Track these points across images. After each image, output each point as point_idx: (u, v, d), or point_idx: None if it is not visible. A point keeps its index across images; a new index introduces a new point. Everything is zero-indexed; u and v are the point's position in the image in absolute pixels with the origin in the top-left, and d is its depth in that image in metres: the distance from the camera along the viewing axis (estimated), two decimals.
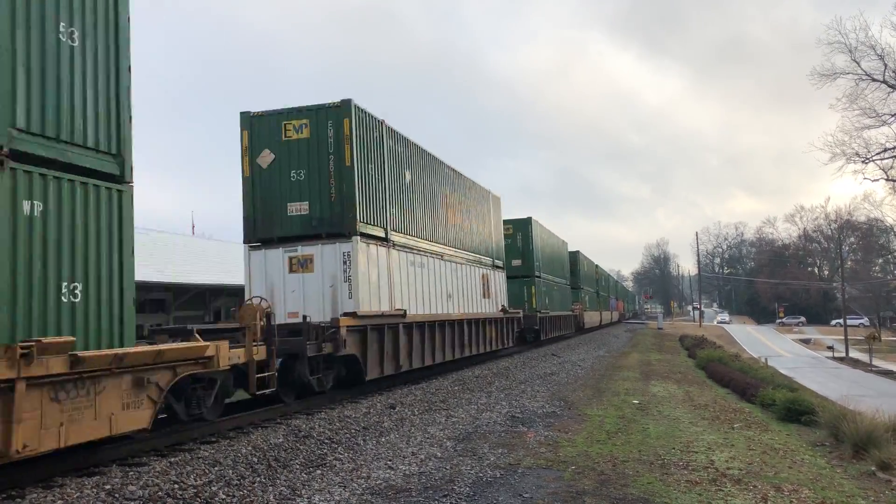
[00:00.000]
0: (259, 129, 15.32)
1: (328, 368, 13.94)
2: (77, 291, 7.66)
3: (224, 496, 7.53)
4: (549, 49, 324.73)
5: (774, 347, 58.38)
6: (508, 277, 29.85)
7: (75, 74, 8.01)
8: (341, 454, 9.76)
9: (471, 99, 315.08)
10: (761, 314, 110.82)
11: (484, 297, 24.32)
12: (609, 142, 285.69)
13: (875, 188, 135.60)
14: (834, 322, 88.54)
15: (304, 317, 13.23)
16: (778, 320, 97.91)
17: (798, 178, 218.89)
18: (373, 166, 15.86)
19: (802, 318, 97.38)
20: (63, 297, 7.48)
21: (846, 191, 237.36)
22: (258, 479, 8.29)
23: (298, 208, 15.06)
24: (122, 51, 8.76)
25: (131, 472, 7.95)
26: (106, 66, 8.50)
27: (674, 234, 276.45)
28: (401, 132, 18.01)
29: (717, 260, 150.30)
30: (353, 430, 11.21)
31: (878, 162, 43.38)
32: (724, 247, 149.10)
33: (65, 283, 7.51)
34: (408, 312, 16.81)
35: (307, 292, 14.79)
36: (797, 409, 15.08)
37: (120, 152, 8.59)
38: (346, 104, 15.02)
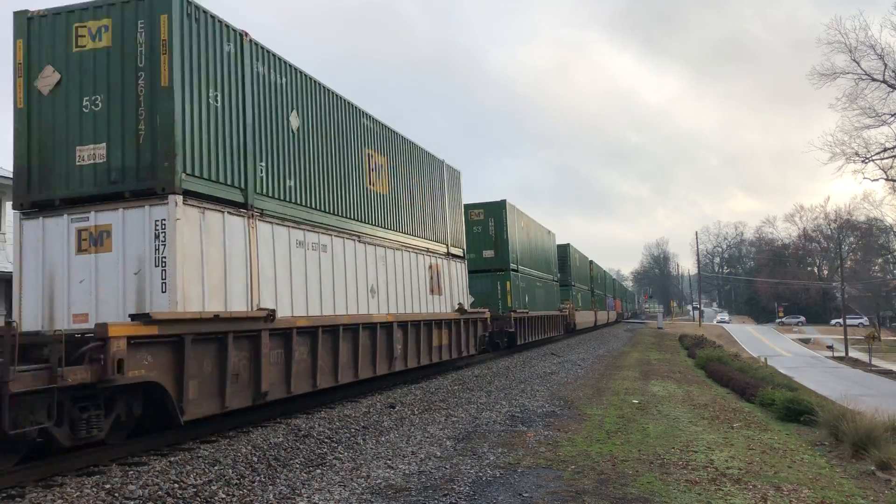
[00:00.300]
0: (41, 36, 10.34)
1: (98, 407, 8.45)
2: None
3: (224, 495, 7.53)
4: (548, 48, 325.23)
5: (774, 347, 58.41)
6: (479, 271, 26.49)
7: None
8: (341, 453, 9.76)
9: (470, 98, 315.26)
10: (761, 314, 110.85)
11: (431, 293, 19.38)
12: (608, 141, 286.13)
13: (875, 188, 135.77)
14: (833, 322, 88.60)
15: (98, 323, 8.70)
16: (777, 320, 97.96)
17: (797, 178, 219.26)
18: (218, 94, 10.68)
19: (802, 318, 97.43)
20: None
21: (846, 190, 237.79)
22: (258, 478, 8.29)
23: (92, 154, 9.96)
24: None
25: (131, 472, 7.95)
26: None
27: (673, 233, 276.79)
28: (287, 60, 12.73)
29: (717, 259, 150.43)
30: (352, 430, 11.22)
31: (877, 162, 43.33)
32: (724, 246, 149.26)
33: None
34: (279, 314, 11.44)
35: (101, 283, 9.73)
36: (797, 409, 15.09)
37: None
38: None
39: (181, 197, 9.60)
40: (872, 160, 42.93)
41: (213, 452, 9.06)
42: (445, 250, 21.03)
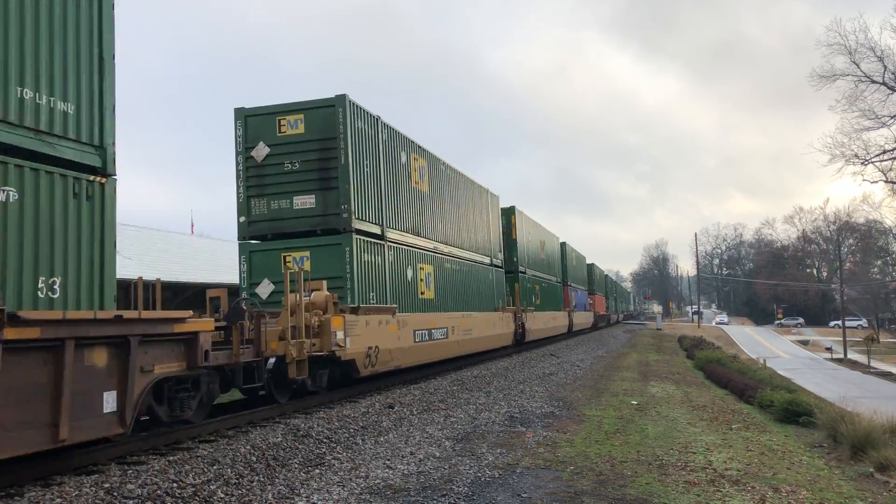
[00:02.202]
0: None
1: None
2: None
3: (223, 495, 7.53)
4: (546, 49, 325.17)
5: (773, 348, 58.43)
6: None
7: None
8: (340, 453, 9.76)
9: (468, 98, 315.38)
10: (760, 315, 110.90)
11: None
12: (606, 141, 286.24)
13: (874, 190, 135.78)
14: (832, 323, 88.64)
15: None
16: (776, 321, 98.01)
17: (795, 180, 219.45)
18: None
19: (801, 320, 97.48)
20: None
21: (843, 192, 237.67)
22: (257, 478, 8.29)
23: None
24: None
25: (130, 471, 7.95)
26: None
27: (672, 234, 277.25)
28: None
29: (716, 261, 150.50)
30: (351, 430, 11.22)
31: (877, 164, 43.41)
32: (723, 248, 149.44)
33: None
34: None
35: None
36: (795, 411, 15.10)
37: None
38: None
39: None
40: (872, 162, 43.03)
41: (212, 452, 9.06)
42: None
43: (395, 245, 17.18)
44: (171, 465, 8.25)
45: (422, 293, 18.85)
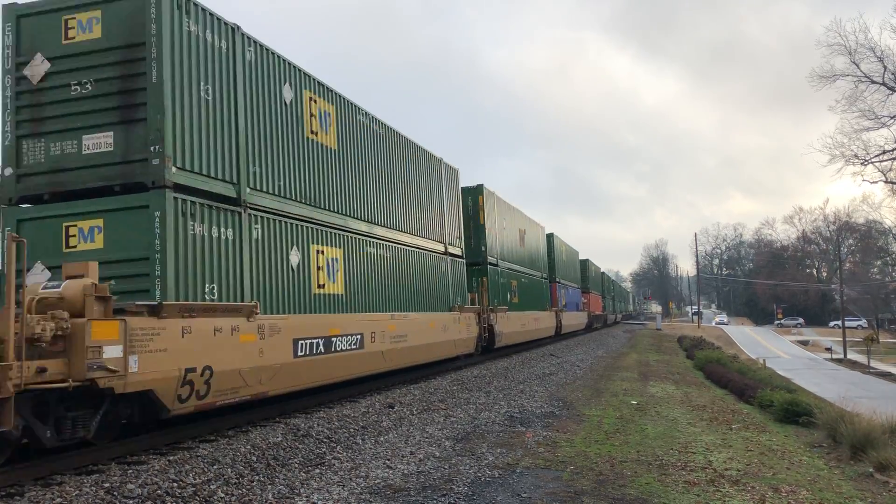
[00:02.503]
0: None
1: None
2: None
3: (223, 494, 7.54)
4: (546, 49, 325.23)
5: (773, 349, 58.44)
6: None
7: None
8: (340, 453, 9.77)
9: (468, 97, 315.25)
10: (760, 315, 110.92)
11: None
12: (605, 141, 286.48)
13: (874, 190, 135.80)
14: (832, 324, 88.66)
15: None
16: (776, 322, 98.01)
17: (794, 180, 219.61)
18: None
19: (801, 320, 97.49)
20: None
21: (843, 192, 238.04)
22: (257, 477, 8.30)
23: None
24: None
25: (130, 471, 7.96)
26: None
27: (671, 234, 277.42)
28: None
29: (716, 261, 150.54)
30: (351, 430, 11.22)
31: (877, 164, 43.41)
32: (723, 248, 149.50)
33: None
34: None
35: None
36: (795, 411, 15.11)
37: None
38: None
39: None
40: (872, 162, 43.00)
41: (213, 452, 9.07)
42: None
43: (264, 215, 11.77)
44: (171, 465, 8.25)
45: (320, 286, 13.37)
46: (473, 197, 25.70)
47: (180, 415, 9.42)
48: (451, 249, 21.76)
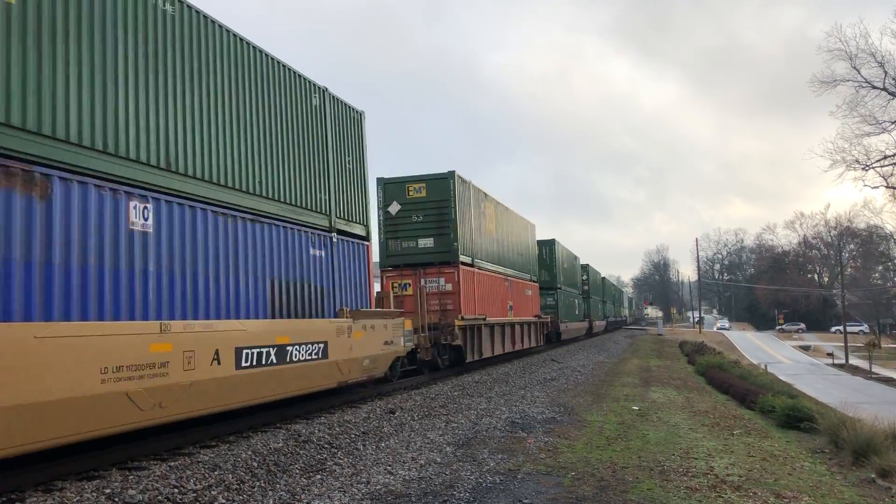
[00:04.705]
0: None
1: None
2: None
3: (224, 500, 7.53)
4: (545, 54, 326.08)
5: (774, 354, 58.37)
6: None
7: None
8: (341, 459, 9.75)
9: (467, 103, 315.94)
10: (761, 320, 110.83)
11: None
12: (604, 146, 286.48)
13: (875, 195, 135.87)
14: (834, 329, 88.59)
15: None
16: (778, 327, 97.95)
17: (795, 185, 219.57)
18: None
19: (802, 325, 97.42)
20: None
21: (843, 197, 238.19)
22: (258, 483, 8.29)
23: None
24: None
25: (131, 476, 7.95)
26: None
27: (671, 239, 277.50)
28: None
29: (717, 266, 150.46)
30: (352, 435, 11.21)
31: (878, 169, 43.49)
32: (724, 253, 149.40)
33: None
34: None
35: None
36: (797, 416, 15.07)
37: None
38: None
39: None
40: (872, 167, 43.12)
41: (213, 457, 9.06)
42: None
43: None
44: (172, 471, 8.25)
45: None
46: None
47: None
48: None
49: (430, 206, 21.97)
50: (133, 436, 9.30)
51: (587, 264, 58.64)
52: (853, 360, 50.50)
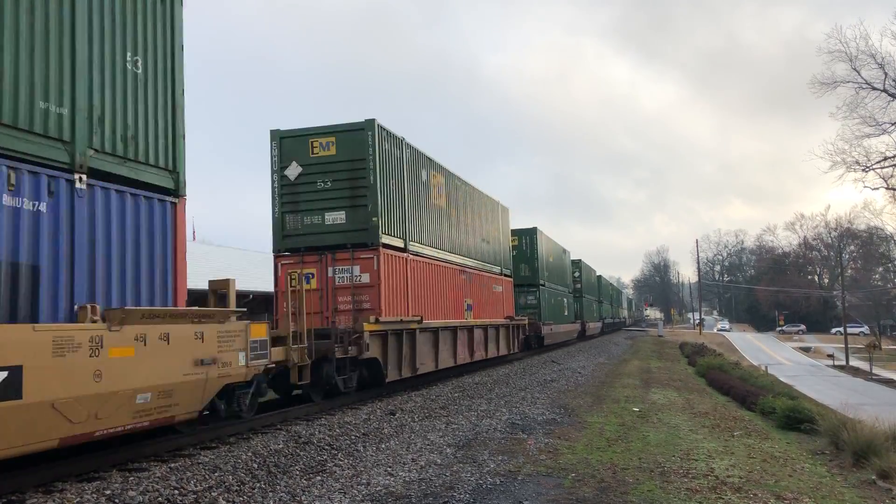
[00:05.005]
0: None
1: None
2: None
3: (224, 502, 7.53)
4: (544, 56, 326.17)
5: (774, 355, 58.36)
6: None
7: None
8: (341, 460, 9.75)
9: (467, 104, 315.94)
10: (761, 322, 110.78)
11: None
12: (604, 148, 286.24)
13: (875, 196, 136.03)
14: (834, 330, 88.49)
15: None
16: (778, 328, 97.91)
17: (794, 186, 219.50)
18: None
19: (802, 326, 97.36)
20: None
21: (843, 198, 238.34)
22: (258, 484, 8.28)
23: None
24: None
25: (131, 478, 7.95)
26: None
27: (671, 240, 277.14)
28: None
29: (717, 267, 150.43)
30: (352, 437, 11.21)
31: (878, 171, 43.51)
32: (724, 254, 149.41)
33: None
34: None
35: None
36: (797, 418, 15.08)
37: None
38: None
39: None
40: (873, 169, 43.13)
41: (214, 459, 9.06)
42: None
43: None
44: (172, 472, 8.25)
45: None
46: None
47: None
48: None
49: (341, 169, 16.16)
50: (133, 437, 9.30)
51: (579, 260, 53.22)
52: (854, 362, 50.47)
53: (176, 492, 7.59)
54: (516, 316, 29.28)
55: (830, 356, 53.61)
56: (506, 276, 28.37)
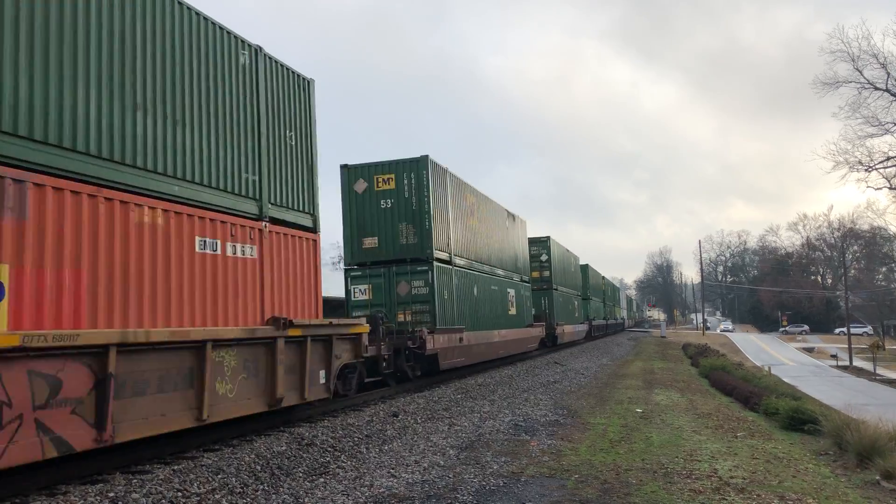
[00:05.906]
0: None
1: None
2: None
3: None
4: (545, 58, 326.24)
5: (778, 356, 58.23)
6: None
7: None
8: (344, 462, 9.76)
9: (468, 106, 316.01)
10: (764, 323, 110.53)
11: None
12: (604, 149, 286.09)
13: (878, 196, 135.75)
14: (837, 331, 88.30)
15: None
16: (781, 329, 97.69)
17: (796, 186, 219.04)
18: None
19: (805, 327, 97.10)
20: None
21: (845, 198, 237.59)
22: (261, 486, 8.29)
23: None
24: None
25: (135, 480, 7.96)
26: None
27: (673, 241, 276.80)
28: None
29: (720, 268, 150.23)
30: (355, 439, 11.21)
31: (881, 170, 43.43)
32: (727, 255, 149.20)
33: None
34: None
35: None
36: (801, 418, 15.03)
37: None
38: None
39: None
40: (876, 169, 43.04)
41: (217, 461, 9.07)
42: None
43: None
44: (175, 474, 8.26)
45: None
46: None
47: None
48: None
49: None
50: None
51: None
52: (857, 362, 50.32)
53: (179, 494, 7.60)
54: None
55: (834, 357, 53.45)
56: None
